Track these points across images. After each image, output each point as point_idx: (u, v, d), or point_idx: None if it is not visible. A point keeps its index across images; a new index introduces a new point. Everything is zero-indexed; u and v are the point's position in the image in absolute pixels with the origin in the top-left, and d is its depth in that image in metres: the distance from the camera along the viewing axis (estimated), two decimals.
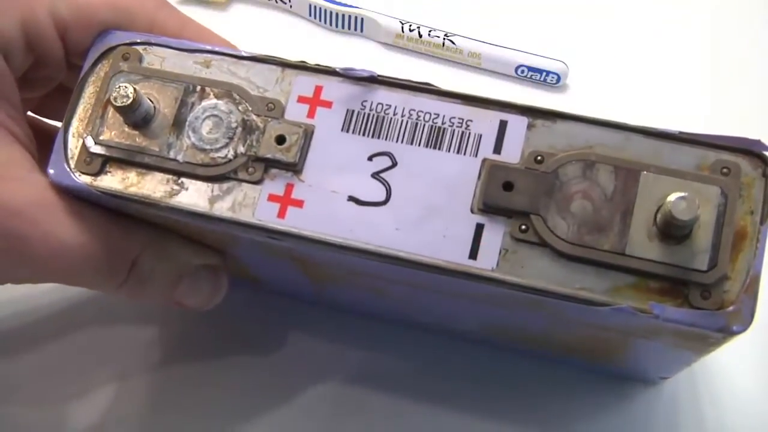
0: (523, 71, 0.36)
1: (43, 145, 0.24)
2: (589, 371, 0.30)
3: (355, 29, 0.38)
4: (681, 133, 0.21)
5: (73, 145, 0.22)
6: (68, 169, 0.22)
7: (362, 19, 0.38)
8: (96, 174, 0.22)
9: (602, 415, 0.30)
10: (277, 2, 0.39)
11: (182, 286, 0.25)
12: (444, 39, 0.37)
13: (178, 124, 0.22)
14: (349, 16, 0.38)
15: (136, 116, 0.22)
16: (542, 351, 0.29)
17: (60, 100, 0.25)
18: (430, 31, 0.37)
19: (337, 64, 0.23)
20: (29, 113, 0.28)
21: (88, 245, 0.23)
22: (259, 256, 0.26)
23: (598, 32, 0.38)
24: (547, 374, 0.30)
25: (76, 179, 0.22)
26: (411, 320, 0.30)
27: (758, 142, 0.20)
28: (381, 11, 0.38)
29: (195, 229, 0.24)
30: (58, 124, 0.23)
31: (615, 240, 0.20)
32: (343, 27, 0.38)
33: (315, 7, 0.38)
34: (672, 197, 0.19)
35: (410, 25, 0.37)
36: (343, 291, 0.28)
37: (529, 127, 0.21)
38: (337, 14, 0.38)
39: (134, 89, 0.21)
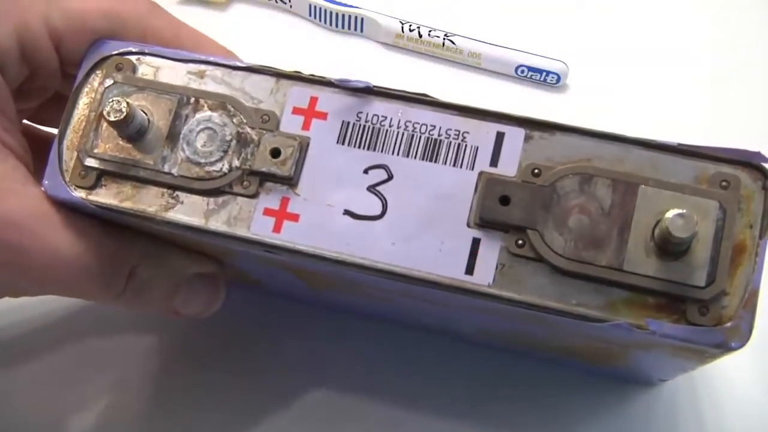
0: (523, 71, 0.36)
1: (39, 154, 0.24)
2: (588, 373, 0.30)
3: (355, 29, 0.38)
4: (680, 145, 0.20)
5: (68, 158, 0.22)
6: (63, 183, 0.22)
7: (362, 19, 0.38)
8: (91, 188, 0.22)
9: (602, 417, 0.30)
10: (277, 2, 0.39)
11: (180, 296, 0.25)
12: (444, 39, 0.37)
13: (173, 136, 0.22)
14: (349, 16, 0.38)
15: (130, 130, 0.21)
16: (542, 354, 0.29)
17: (55, 108, 0.25)
18: (430, 31, 0.37)
19: (334, 72, 0.22)
20: (24, 121, 0.27)
21: (85, 256, 0.23)
22: (256, 266, 0.26)
23: (598, 32, 0.38)
24: (547, 375, 0.30)
25: (71, 193, 0.22)
26: (410, 322, 0.30)
27: (758, 154, 0.20)
28: (381, 11, 0.38)
29: (192, 240, 0.23)
30: (54, 130, 0.23)
31: (612, 255, 0.20)
32: (343, 27, 0.38)
33: (315, 7, 0.38)
34: (670, 214, 0.18)
35: (410, 25, 0.37)
36: (341, 296, 0.28)
37: (527, 139, 0.21)
38: (337, 14, 0.38)
39: (127, 103, 0.21)
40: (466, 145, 0.21)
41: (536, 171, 0.20)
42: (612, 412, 0.30)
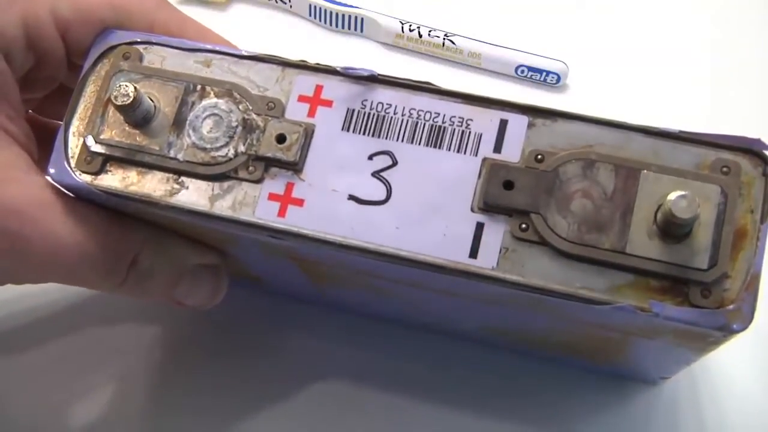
0: (523, 71, 0.36)
1: (43, 143, 0.24)
2: (589, 371, 0.30)
3: (355, 29, 0.38)
4: (681, 132, 0.21)
5: (74, 144, 0.22)
6: (69, 168, 0.22)
7: (362, 19, 0.38)
8: (96, 173, 0.22)
9: (602, 415, 0.30)
10: (277, 2, 0.39)
11: (182, 286, 0.25)
12: (444, 39, 0.37)
13: (179, 123, 0.22)
14: (349, 16, 0.38)
15: (136, 115, 0.22)
16: (542, 351, 0.29)
17: (60, 101, 0.25)
18: (430, 31, 0.37)
19: (338, 63, 0.23)
20: (30, 111, 0.28)
21: (86, 244, 0.23)
22: (259, 256, 0.26)
23: (597, 32, 0.38)
24: (547, 374, 0.30)
25: (76, 178, 0.22)
26: (411, 320, 0.30)
27: (758, 141, 0.20)
28: (381, 11, 0.38)
29: (195, 229, 0.24)
30: (60, 123, 0.23)
31: (615, 239, 0.20)
32: (343, 27, 0.38)
33: (315, 7, 0.38)
34: (672, 196, 0.19)
35: (410, 25, 0.37)
36: (343, 291, 0.28)
37: (530, 126, 0.21)
38: (337, 14, 0.38)
39: (135, 88, 0.21)
40: (470, 132, 0.21)
41: (539, 157, 0.21)
42: (612, 410, 0.30)
